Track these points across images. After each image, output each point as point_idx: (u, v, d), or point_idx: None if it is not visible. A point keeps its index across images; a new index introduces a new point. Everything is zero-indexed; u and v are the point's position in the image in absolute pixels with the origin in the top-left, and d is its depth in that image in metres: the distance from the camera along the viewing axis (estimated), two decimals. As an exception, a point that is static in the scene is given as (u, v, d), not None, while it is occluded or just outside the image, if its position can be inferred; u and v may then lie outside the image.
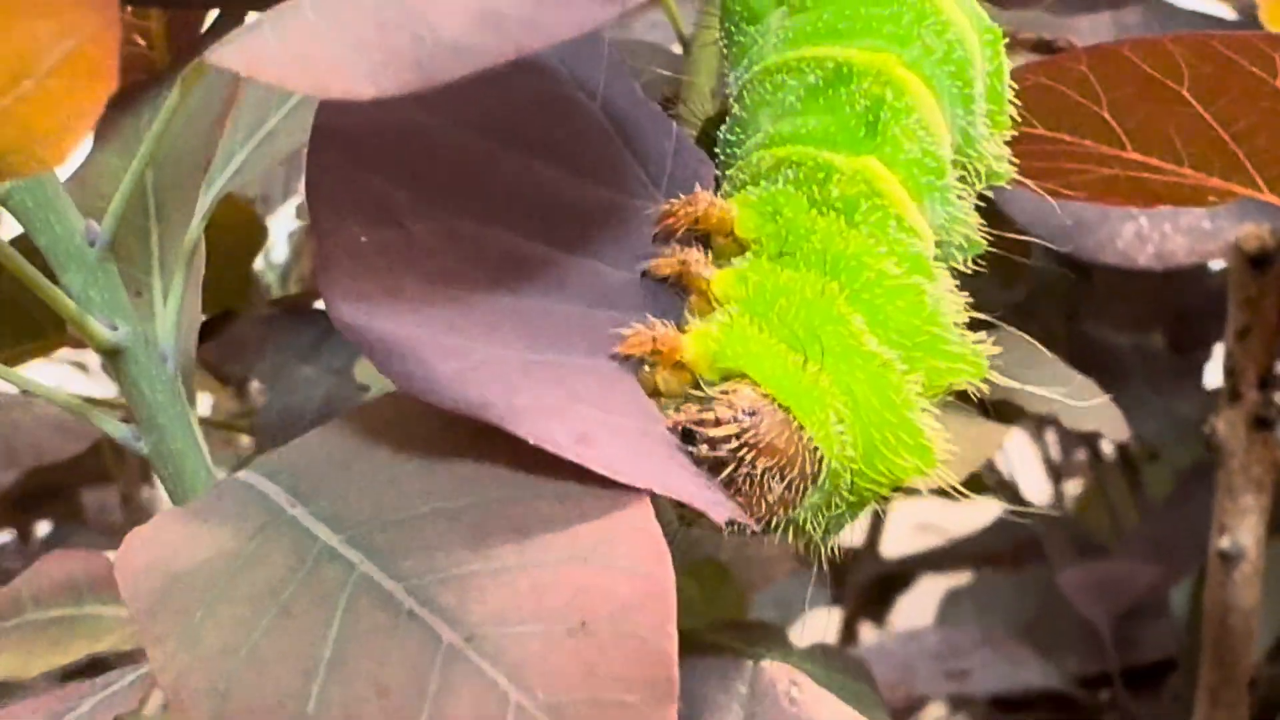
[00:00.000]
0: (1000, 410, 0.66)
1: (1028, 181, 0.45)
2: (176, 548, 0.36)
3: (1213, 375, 1.23)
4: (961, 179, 0.40)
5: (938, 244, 0.39)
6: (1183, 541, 1.02)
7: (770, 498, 0.35)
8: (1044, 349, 0.69)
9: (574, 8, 0.31)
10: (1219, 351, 1.24)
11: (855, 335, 0.36)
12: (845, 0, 0.40)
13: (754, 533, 0.36)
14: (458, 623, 0.31)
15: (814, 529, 0.37)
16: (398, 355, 0.34)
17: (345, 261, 0.36)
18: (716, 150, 0.41)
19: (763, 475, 0.35)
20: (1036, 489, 1.36)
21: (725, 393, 0.35)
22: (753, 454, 0.35)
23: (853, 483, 0.36)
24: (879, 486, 0.36)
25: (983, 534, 1.16)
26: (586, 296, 0.37)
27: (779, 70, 0.39)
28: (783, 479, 0.35)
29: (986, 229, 0.40)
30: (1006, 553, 1.19)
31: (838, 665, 0.65)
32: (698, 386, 0.36)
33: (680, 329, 0.37)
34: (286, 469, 0.38)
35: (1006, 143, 0.42)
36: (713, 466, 0.35)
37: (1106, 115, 0.48)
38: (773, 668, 0.35)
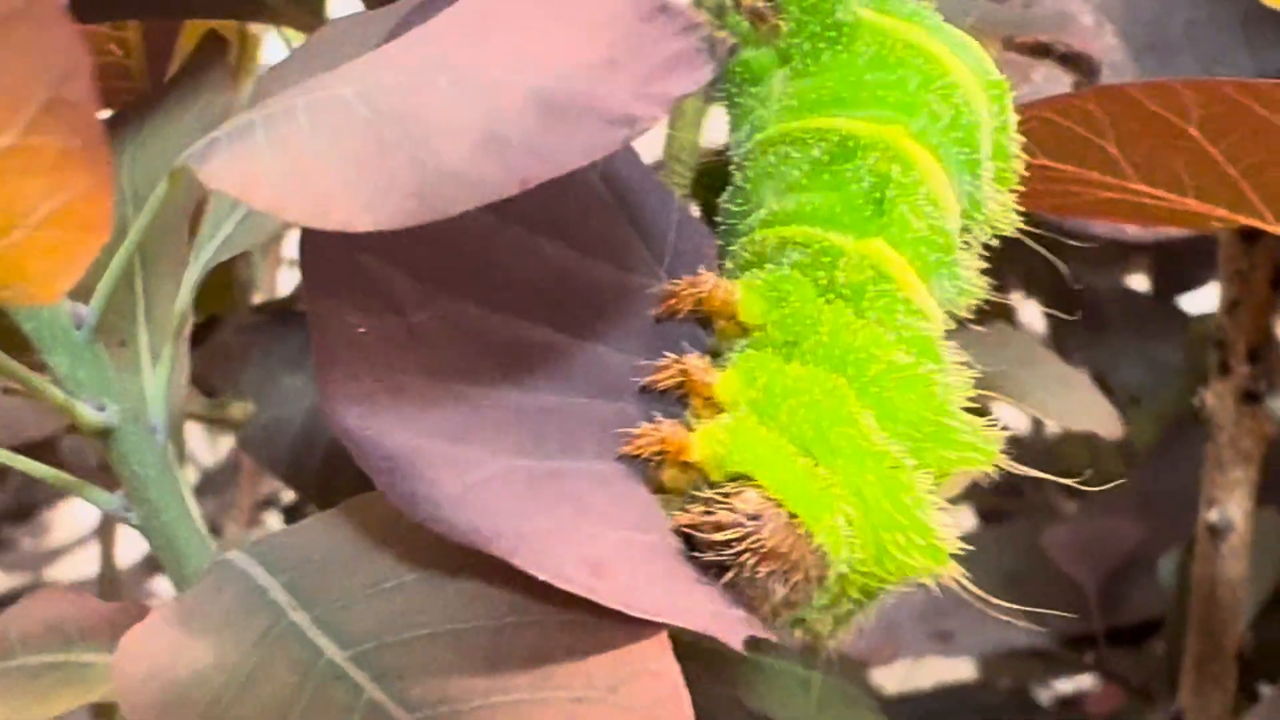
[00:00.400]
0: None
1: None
2: (176, 654, 0.35)
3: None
4: (965, 234, 0.40)
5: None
6: (1169, 497, 1.02)
7: (774, 600, 0.35)
8: (1040, 348, 0.69)
9: (580, 132, 0.30)
10: (1203, 296, 1.24)
11: (865, 435, 0.35)
12: (850, 65, 0.38)
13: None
14: (472, 762, 0.31)
15: (821, 628, 0.36)
16: (401, 473, 0.33)
17: (343, 355, 0.35)
18: (714, 217, 0.40)
19: (766, 579, 0.34)
20: (1015, 426, 1.36)
21: (729, 495, 0.34)
22: (755, 559, 0.34)
23: (862, 582, 0.35)
24: (889, 584, 0.35)
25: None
26: (592, 386, 0.36)
27: (782, 141, 0.38)
28: (786, 582, 0.34)
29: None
30: (989, 501, 1.19)
31: (833, 668, 0.65)
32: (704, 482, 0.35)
33: (687, 424, 0.36)
34: (286, 564, 0.37)
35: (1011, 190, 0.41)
36: (715, 570, 0.34)
37: (1113, 149, 0.47)
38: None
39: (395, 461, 0.33)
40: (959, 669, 1.22)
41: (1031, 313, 1.28)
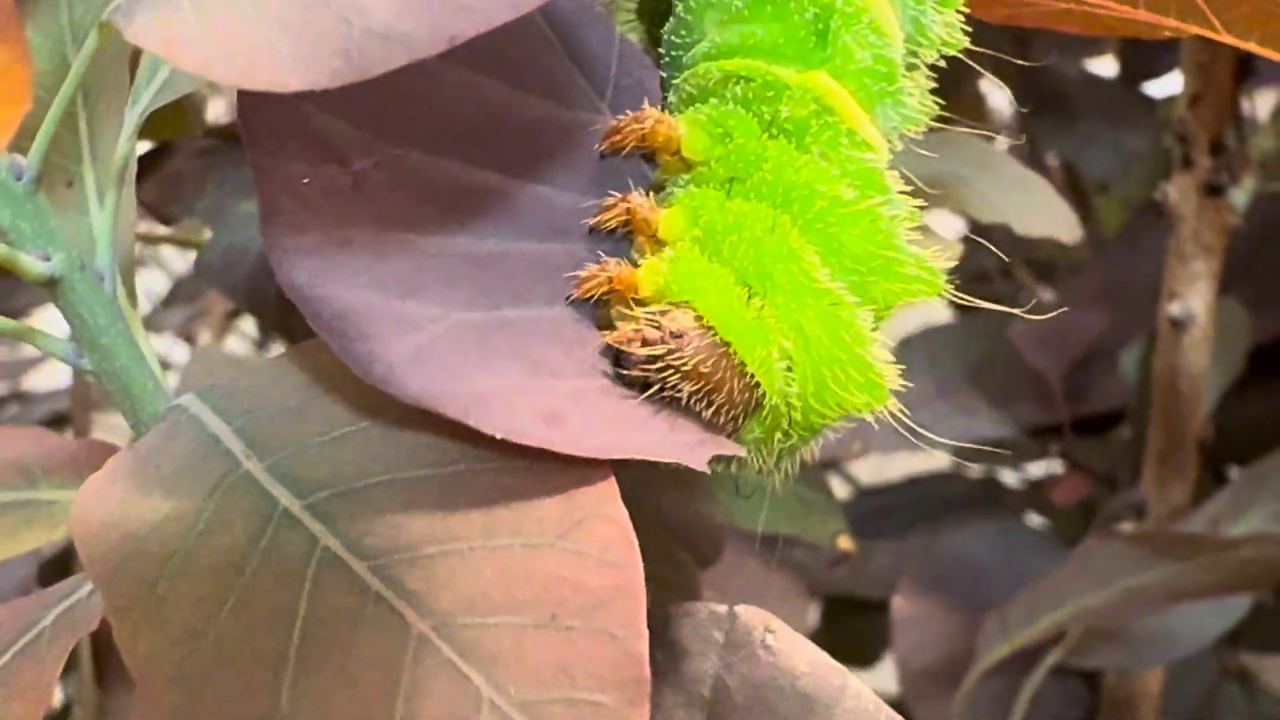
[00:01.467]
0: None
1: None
2: (132, 503, 0.35)
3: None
4: (912, 59, 0.39)
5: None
6: (1135, 286, 1.03)
7: (704, 419, 0.35)
8: (995, 149, 0.68)
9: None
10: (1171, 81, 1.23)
11: (806, 272, 0.35)
12: (791, -110, 0.38)
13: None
14: (427, 611, 0.31)
15: (762, 460, 0.37)
16: (352, 333, 0.33)
17: (288, 208, 0.34)
18: (658, 48, 0.39)
19: (688, 400, 0.34)
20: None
21: (657, 314, 0.35)
22: (676, 376, 0.34)
23: (802, 417, 0.36)
24: (829, 419, 0.36)
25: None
26: (539, 228, 0.36)
27: (726, -30, 0.38)
28: (710, 405, 0.35)
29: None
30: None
31: (798, 477, 0.65)
32: None
33: (633, 262, 0.36)
34: (239, 410, 0.37)
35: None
36: (639, 386, 0.35)
37: (1061, -39, 0.46)
38: (748, 614, 0.35)
39: (346, 321, 0.33)
40: (932, 460, 1.24)
41: (1000, 100, 1.27)
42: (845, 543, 0.69)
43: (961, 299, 0.38)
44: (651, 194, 0.38)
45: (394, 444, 0.34)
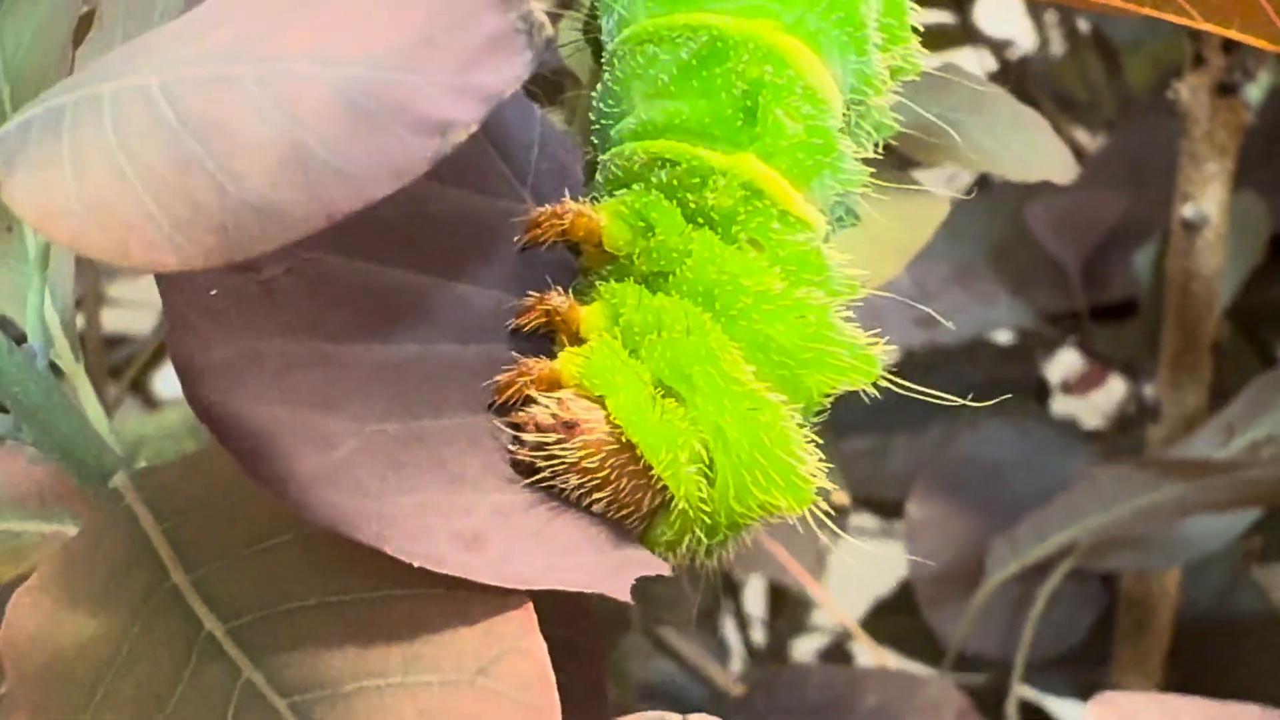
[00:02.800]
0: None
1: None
2: (62, 616, 0.35)
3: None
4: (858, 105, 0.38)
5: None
6: (1157, 162, 1.00)
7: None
8: (989, 87, 0.66)
9: (389, 144, 0.28)
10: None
11: (725, 374, 0.34)
12: (718, -51, 0.36)
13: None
14: (345, 758, 0.31)
15: (683, 555, 0.36)
16: (264, 453, 0.32)
17: (196, 323, 0.33)
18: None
19: (576, 491, 0.34)
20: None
21: (560, 400, 0.34)
22: (563, 467, 0.34)
23: (723, 518, 0.35)
24: (752, 519, 0.35)
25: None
26: (459, 329, 0.35)
27: (650, 39, 0.36)
28: (609, 506, 0.34)
29: None
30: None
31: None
32: None
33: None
34: (172, 507, 0.36)
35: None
36: (525, 469, 0.34)
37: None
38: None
39: (257, 440, 0.32)
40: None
41: None
42: (838, 496, 0.68)
43: (900, 385, 0.36)
44: (581, 277, 0.37)
45: (318, 561, 0.34)
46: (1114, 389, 1.13)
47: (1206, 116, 0.81)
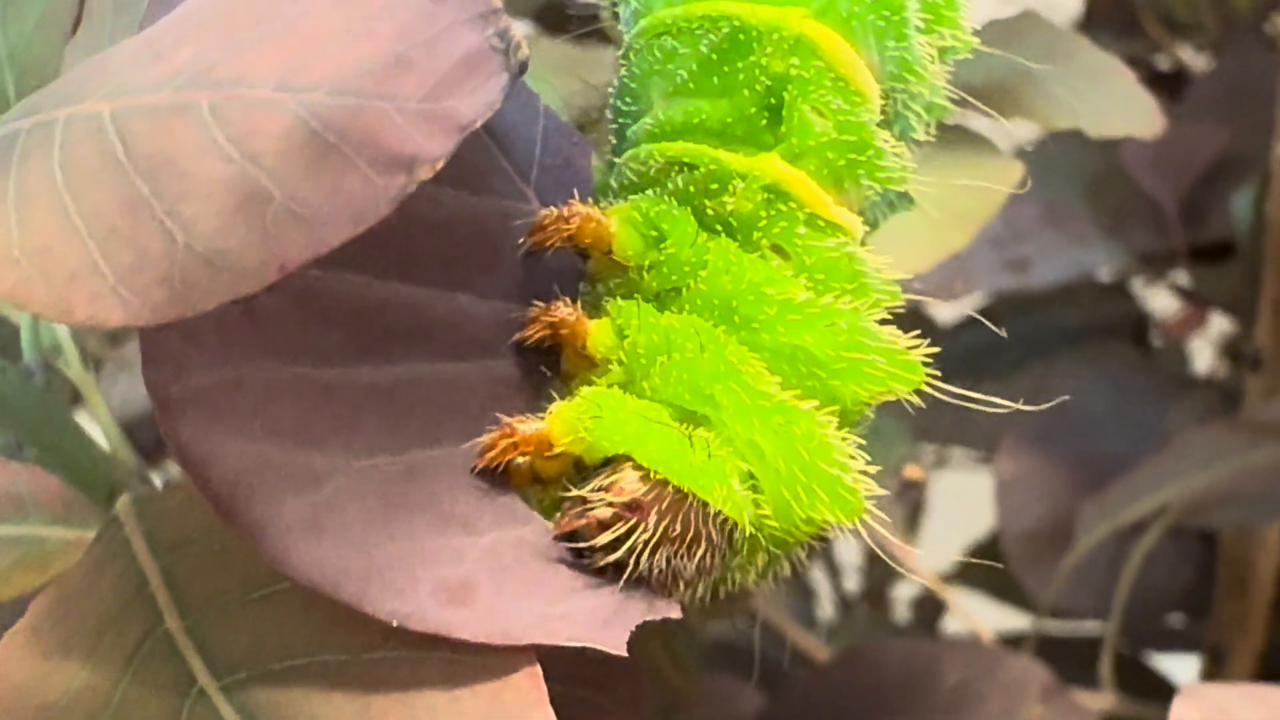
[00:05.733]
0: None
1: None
2: (53, 664, 0.33)
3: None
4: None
5: None
6: (1262, 88, 0.95)
7: (685, 578, 0.31)
8: (1069, 35, 0.62)
9: (350, 182, 0.25)
10: None
11: (749, 388, 0.31)
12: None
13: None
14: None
15: (744, 579, 0.33)
16: (242, 497, 0.30)
17: (173, 348, 0.30)
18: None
19: (668, 563, 0.31)
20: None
21: (604, 486, 0.31)
22: (648, 551, 0.31)
23: (773, 537, 0.32)
24: (800, 537, 0.32)
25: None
26: (457, 345, 0.33)
27: (668, 31, 0.33)
28: (692, 557, 0.31)
29: None
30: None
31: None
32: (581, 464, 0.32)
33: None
34: (169, 542, 0.34)
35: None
36: (613, 571, 0.31)
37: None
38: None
39: (236, 485, 0.30)
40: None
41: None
42: (913, 471, 0.65)
43: (949, 391, 0.33)
44: (589, 285, 0.34)
45: (316, 613, 0.31)
46: (1217, 328, 1.08)
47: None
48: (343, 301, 0.32)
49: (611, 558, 0.31)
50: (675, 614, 0.32)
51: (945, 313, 1.08)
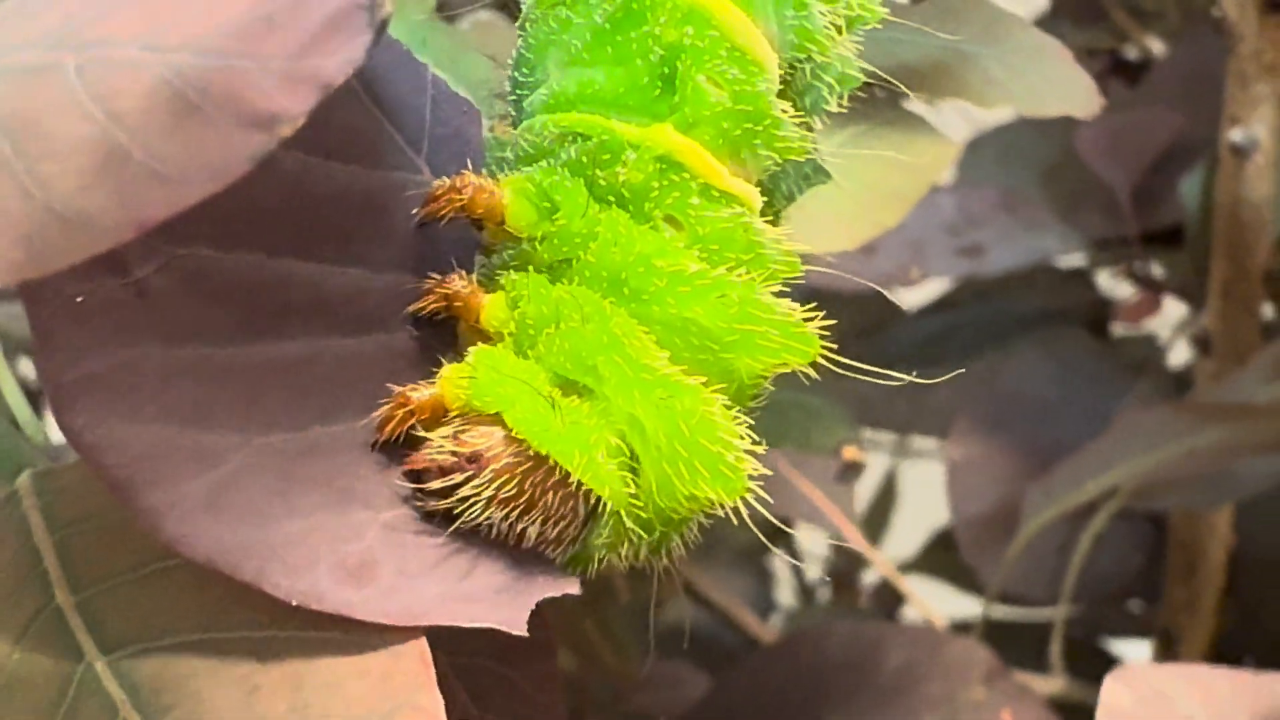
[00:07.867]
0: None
1: None
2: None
3: None
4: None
5: None
6: (1210, 79, 0.95)
7: (530, 540, 0.31)
8: (1008, 16, 0.62)
9: (212, 140, 0.25)
10: None
11: (633, 360, 0.31)
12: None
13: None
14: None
15: (627, 557, 0.33)
16: (140, 480, 0.29)
17: (63, 335, 0.30)
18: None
19: (508, 523, 0.31)
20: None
21: (456, 434, 0.31)
22: (481, 504, 0.31)
23: (654, 514, 0.32)
24: (684, 514, 0.32)
25: None
26: (353, 319, 0.32)
27: (564, 1, 0.33)
28: (541, 524, 0.31)
29: None
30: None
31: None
32: None
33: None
34: (67, 517, 0.34)
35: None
36: (443, 518, 0.31)
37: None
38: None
39: (133, 469, 0.30)
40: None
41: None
42: (852, 453, 0.65)
43: (840, 362, 0.33)
44: (484, 257, 0.33)
45: (206, 590, 0.31)
46: (1172, 313, 1.08)
47: (1254, 34, 0.76)
48: (236, 280, 0.32)
49: (442, 504, 0.31)
50: (574, 590, 0.31)
51: (911, 298, 1.08)
